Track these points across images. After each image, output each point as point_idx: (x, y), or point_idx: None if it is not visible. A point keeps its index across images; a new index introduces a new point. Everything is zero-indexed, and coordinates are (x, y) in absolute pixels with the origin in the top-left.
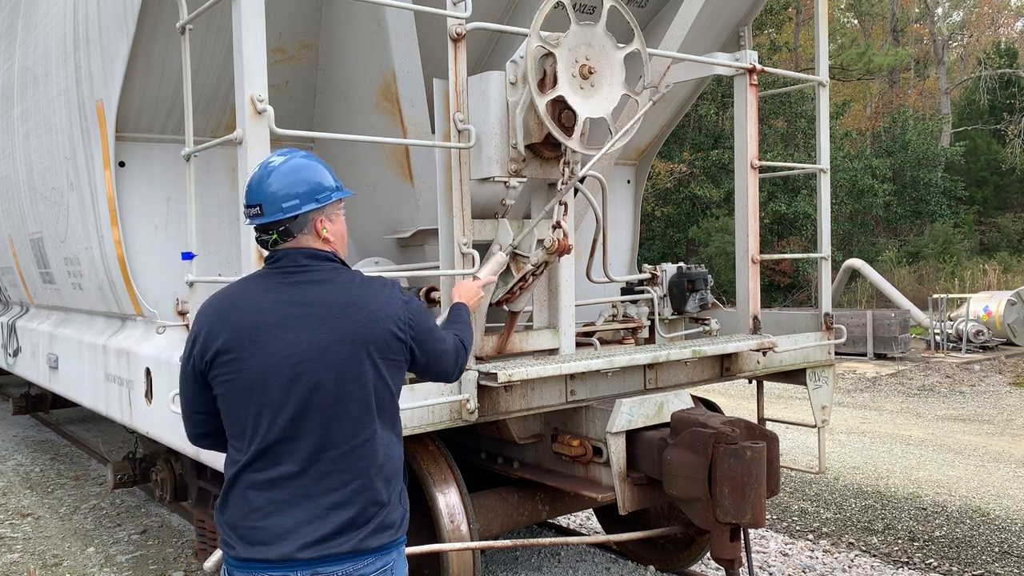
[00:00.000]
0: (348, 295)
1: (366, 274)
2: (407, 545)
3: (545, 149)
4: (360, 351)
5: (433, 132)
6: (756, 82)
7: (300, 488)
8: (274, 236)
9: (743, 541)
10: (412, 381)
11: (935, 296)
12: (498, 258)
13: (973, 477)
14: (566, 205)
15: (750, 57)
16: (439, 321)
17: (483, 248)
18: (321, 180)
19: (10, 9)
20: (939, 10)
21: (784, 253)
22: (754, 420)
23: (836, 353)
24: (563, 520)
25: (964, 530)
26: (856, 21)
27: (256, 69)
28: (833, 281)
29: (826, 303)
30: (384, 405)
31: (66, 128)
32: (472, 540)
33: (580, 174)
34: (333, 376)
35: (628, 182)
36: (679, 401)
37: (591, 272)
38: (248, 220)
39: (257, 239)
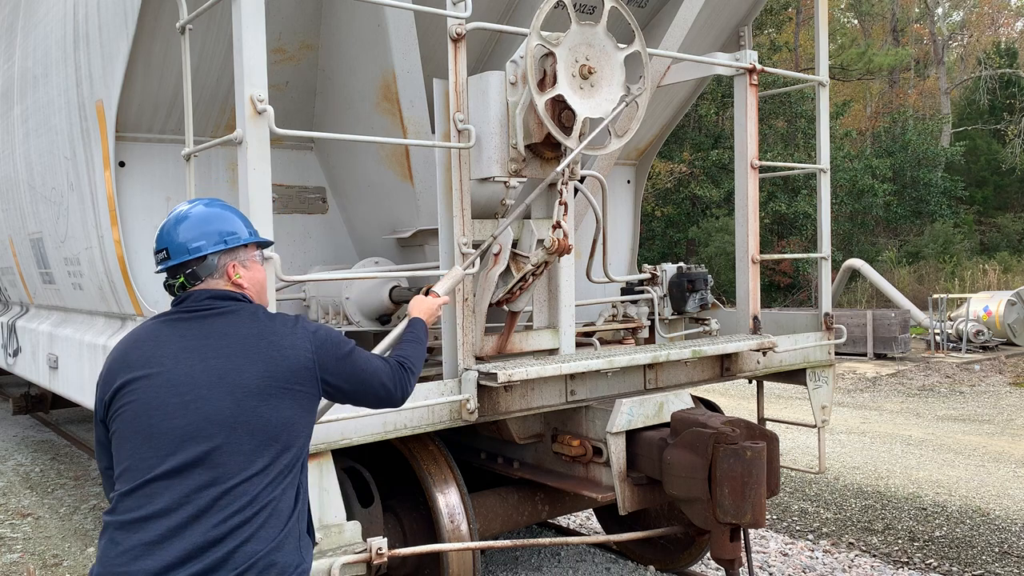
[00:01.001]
0: (250, 327)
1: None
2: (409, 544)
3: (545, 149)
4: (262, 382)
5: (433, 132)
6: (756, 82)
7: (172, 528)
8: (180, 280)
9: (743, 541)
10: None
11: (935, 296)
12: (455, 273)
13: (973, 477)
14: (566, 205)
15: (750, 57)
16: (394, 334)
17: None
18: (230, 227)
19: (10, 9)
20: (939, 10)
21: (784, 253)
22: (754, 420)
23: (836, 353)
24: (563, 520)
25: (964, 530)
26: (856, 21)
27: (256, 69)
28: (833, 281)
29: (826, 303)
30: (282, 438)
31: (66, 128)
32: (472, 540)
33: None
34: (227, 405)
35: (628, 182)
36: (679, 401)
37: (591, 272)
38: (157, 266)
39: (165, 284)
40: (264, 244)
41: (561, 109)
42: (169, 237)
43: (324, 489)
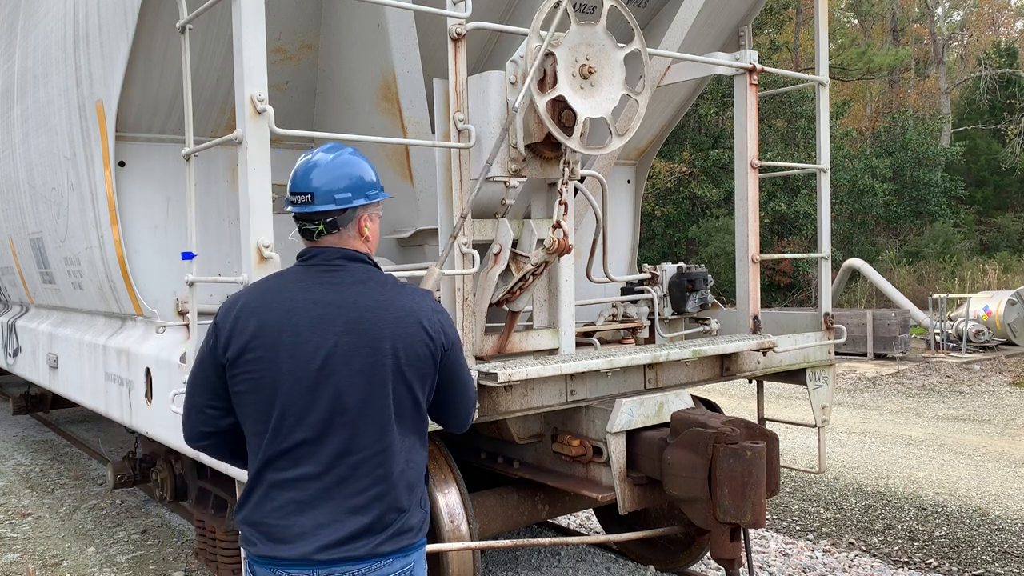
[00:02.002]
0: (379, 299)
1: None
2: None
3: (545, 149)
4: (387, 357)
5: (433, 132)
6: (756, 82)
7: (321, 490)
8: (320, 227)
9: (743, 541)
10: None
11: (935, 296)
12: (435, 275)
13: (973, 477)
14: (566, 205)
15: (750, 57)
16: None
17: (483, 248)
18: (371, 177)
19: (10, 9)
20: (939, 10)
21: (784, 253)
22: (754, 420)
23: (836, 353)
24: (563, 520)
25: (964, 530)
26: (856, 21)
27: (256, 69)
28: (833, 281)
29: (826, 303)
30: (406, 412)
31: (66, 128)
32: (472, 540)
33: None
34: (359, 381)
35: (628, 182)
36: (679, 401)
37: (591, 272)
38: (294, 208)
39: (300, 229)
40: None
41: (561, 109)
42: (312, 182)
43: None
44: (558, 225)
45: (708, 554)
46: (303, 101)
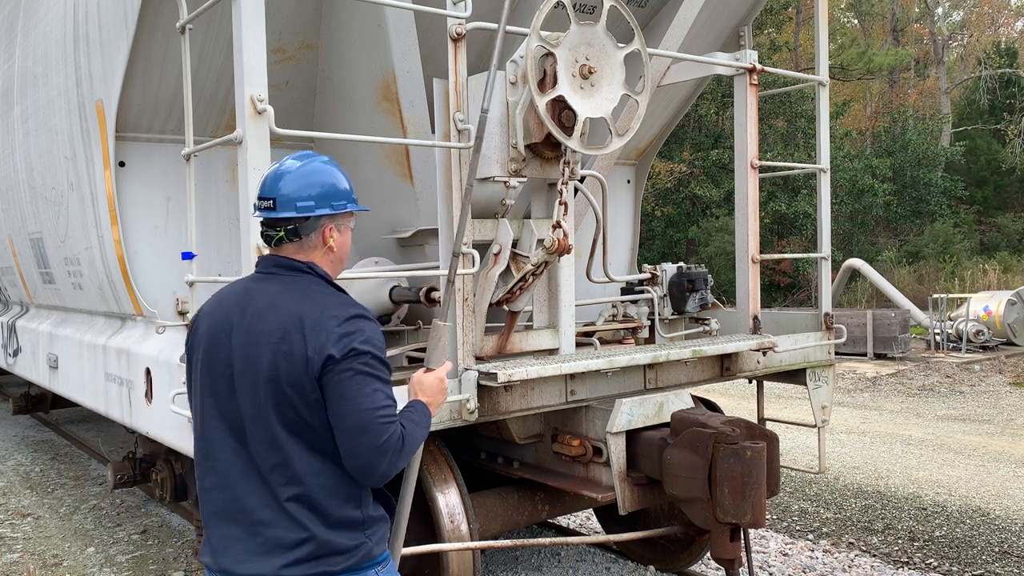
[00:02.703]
0: (284, 310)
1: (331, 288)
2: (409, 544)
3: (545, 149)
4: (264, 371)
5: (433, 132)
6: (756, 82)
7: (229, 502)
8: (280, 234)
9: (743, 541)
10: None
11: (935, 296)
12: (443, 336)
13: (973, 477)
14: (566, 205)
15: (750, 57)
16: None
17: (483, 248)
18: (339, 186)
19: (10, 9)
20: (939, 10)
21: (784, 253)
22: (754, 420)
23: (836, 353)
24: (563, 520)
25: (964, 530)
26: (856, 21)
27: (256, 69)
28: (833, 281)
29: (826, 303)
30: (303, 431)
31: (66, 128)
32: (472, 540)
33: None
34: (250, 393)
35: (628, 182)
36: (679, 401)
37: (591, 272)
38: (258, 213)
39: (262, 234)
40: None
41: (561, 109)
42: (278, 188)
43: None
44: (558, 225)
45: (708, 554)
46: (303, 101)
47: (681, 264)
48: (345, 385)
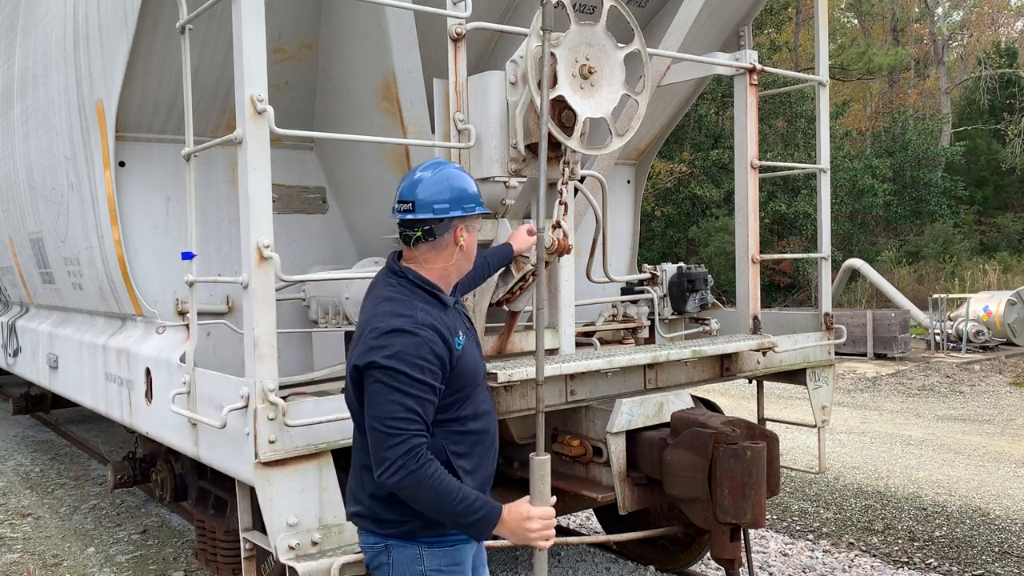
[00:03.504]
0: (366, 310)
1: (404, 291)
2: None
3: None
4: (349, 371)
5: (433, 132)
6: (756, 82)
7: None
8: (418, 233)
9: (743, 541)
10: None
11: (935, 296)
12: (544, 471)
13: (973, 477)
14: (566, 205)
15: (750, 57)
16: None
17: (483, 247)
18: (469, 191)
19: (10, 9)
20: (939, 10)
21: (784, 253)
22: (754, 420)
23: (836, 353)
24: (563, 520)
25: (964, 530)
26: (856, 21)
27: (256, 69)
28: (833, 281)
29: (826, 303)
30: (360, 418)
31: (66, 128)
32: None
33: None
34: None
35: (628, 182)
36: (679, 401)
37: (591, 272)
38: (397, 215)
39: (401, 234)
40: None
41: (561, 109)
42: (416, 193)
43: (324, 489)
44: (558, 225)
45: (708, 554)
46: (303, 101)
47: (681, 264)
48: (369, 392)
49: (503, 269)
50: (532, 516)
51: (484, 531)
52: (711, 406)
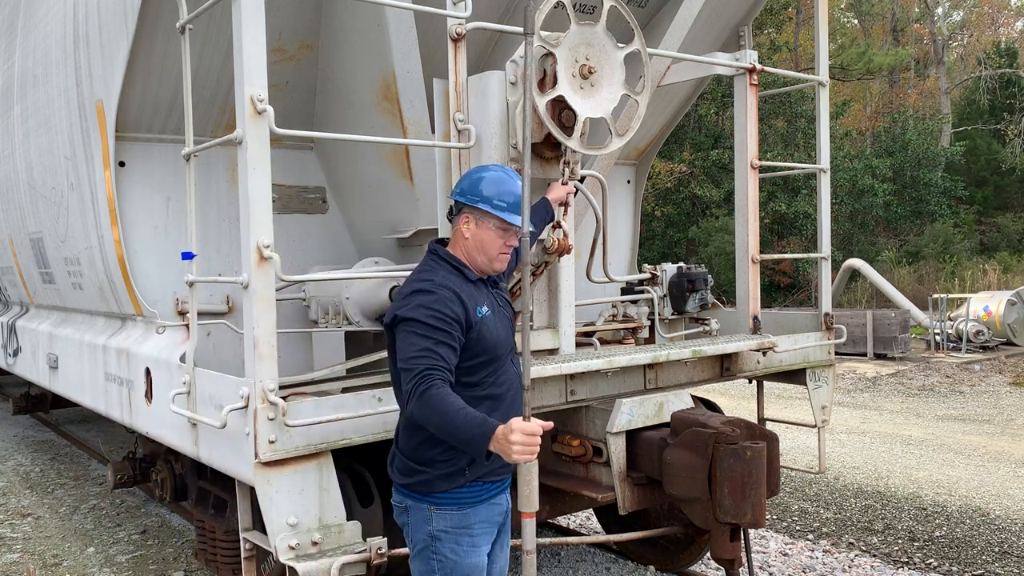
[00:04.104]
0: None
1: (431, 264)
2: None
3: (545, 149)
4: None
5: (433, 132)
6: (756, 82)
7: None
8: (448, 213)
9: (743, 541)
10: None
11: (935, 296)
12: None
13: (973, 477)
14: (566, 205)
15: (750, 57)
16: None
17: None
18: (478, 186)
19: (10, 9)
20: (939, 10)
21: (784, 253)
22: (754, 420)
23: (836, 353)
24: (563, 520)
25: (964, 530)
26: (856, 21)
27: (256, 69)
28: (833, 281)
29: (826, 303)
30: (395, 376)
31: (66, 128)
32: None
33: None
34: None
35: (628, 182)
36: (679, 401)
37: (591, 272)
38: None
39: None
40: (510, 225)
41: (561, 109)
42: (459, 180)
43: (324, 489)
44: (558, 225)
45: (708, 554)
46: (303, 101)
47: (681, 264)
48: (397, 343)
49: None
50: (514, 429)
51: (481, 446)
52: (711, 406)
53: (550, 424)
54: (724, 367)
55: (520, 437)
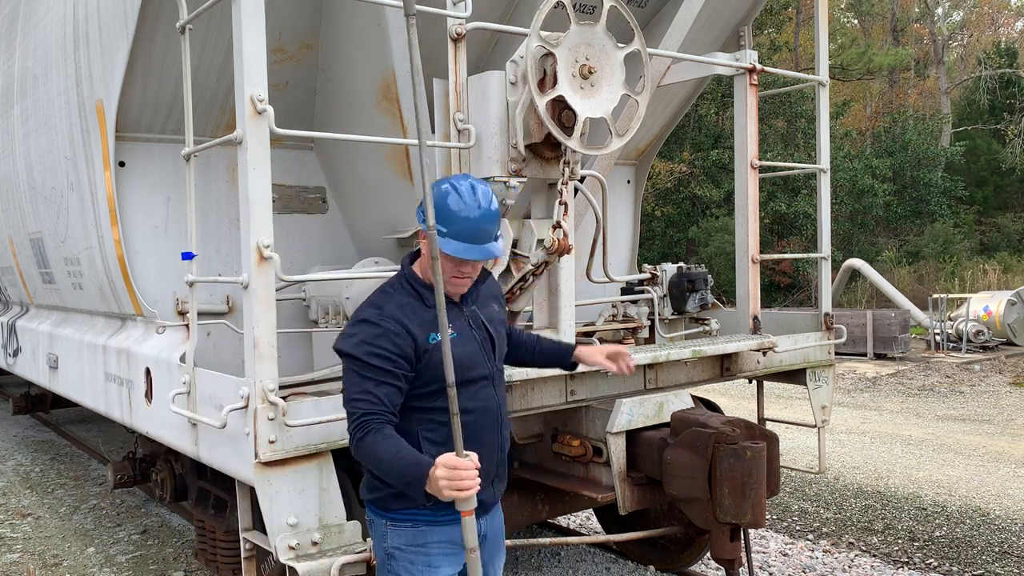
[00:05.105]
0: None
1: (391, 286)
2: None
3: (545, 149)
4: None
5: (433, 132)
6: (756, 82)
7: None
8: None
9: (743, 541)
10: None
11: (935, 296)
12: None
13: (973, 477)
14: (566, 205)
15: (750, 57)
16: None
17: None
18: (436, 209)
19: (10, 9)
20: (939, 10)
21: (784, 253)
22: (754, 420)
23: (836, 353)
24: (563, 520)
25: (964, 530)
26: (856, 21)
27: (256, 69)
28: (833, 281)
29: (826, 303)
30: None
31: (66, 128)
32: None
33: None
34: None
35: (628, 182)
36: (679, 401)
37: (591, 272)
38: None
39: None
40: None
41: (561, 109)
42: None
43: (324, 489)
44: (558, 225)
45: (708, 554)
46: (303, 101)
47: (681, 264)
48: (343, 376)
49: (503, 269)
50: (438, 464)
51: (419, 488)
52: (711, 406)
53: (475, 456)
54: (724, 367)
55: (444, 472)
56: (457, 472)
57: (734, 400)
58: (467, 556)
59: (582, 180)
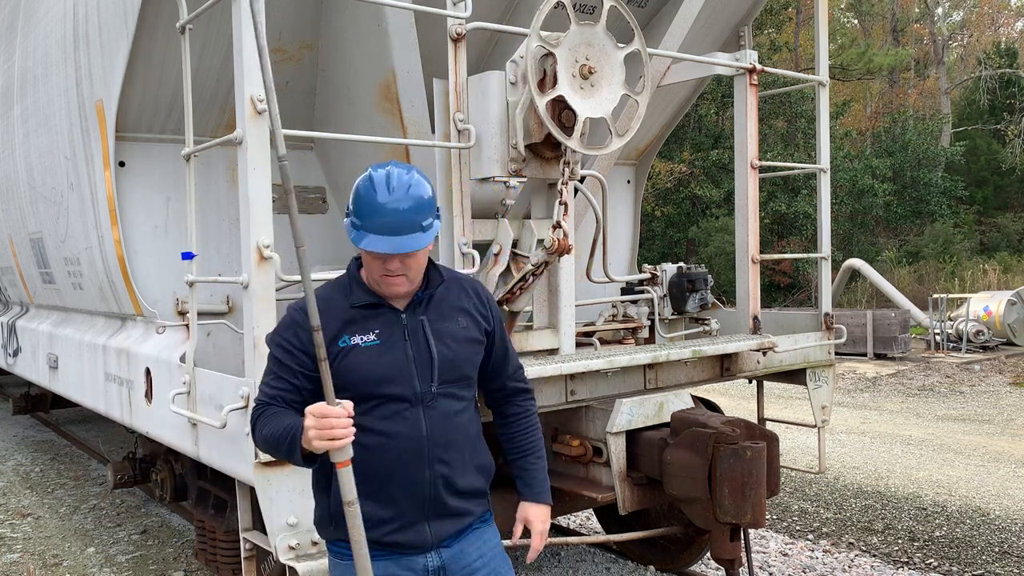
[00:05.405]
0: None
1: (335, 279)
2: None
3: (545, 149)
4: None
5: (433, 132)
6: (756, 82)
7: None
8: None
9: (743, 541)
10: None
11: (935, 296)
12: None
13: (973, 477)
14: (566, 205)
15: (750, 57)
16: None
17: (483, 248)
18: (352, 198)
19: (10, 9)
20: (939, 10)
21: (784, 253)
22: (754, 420)
23: (836, 353)
24: (563, 520)
25: (964, 530)
26: (856, 21)
27: (256, 69)
28: (833, 281)
29: (826, 303)
30: None
31: (66, 128)
32: None
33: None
34: None
35: (628, 182)
36: (679, 401)
37: (591, 272)
38: None
39: None
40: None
41: (561, 109)
42: None
43: None
44: (558, 225)
45: (708, 554)
46: (303, 101)
47: (681, 264)
48: None
49: (503, 269)
50: (307, 414)
51: (295, 448)
52: (711, 406)
53: (349, 404)
54: (724, 367)
55: (312, 421)
56: (327, 420)
57: (734, 400)
58: (344, 509)
59: (582, 180)
